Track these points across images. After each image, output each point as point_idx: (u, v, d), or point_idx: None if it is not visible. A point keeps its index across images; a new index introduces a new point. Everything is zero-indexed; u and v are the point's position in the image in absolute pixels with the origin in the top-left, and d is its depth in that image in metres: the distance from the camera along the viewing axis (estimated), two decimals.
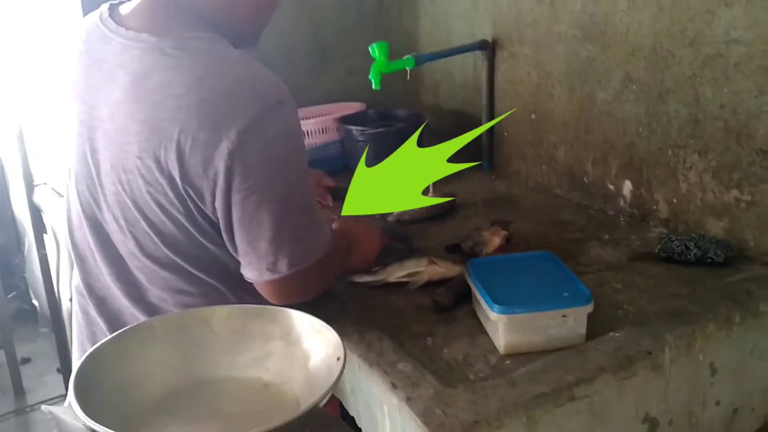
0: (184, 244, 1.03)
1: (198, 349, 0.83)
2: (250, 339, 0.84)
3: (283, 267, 1.01)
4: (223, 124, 0.93)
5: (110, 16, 1.05)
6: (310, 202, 1.05)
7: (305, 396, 0.75)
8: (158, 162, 0.96)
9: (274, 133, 0.96)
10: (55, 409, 0.70)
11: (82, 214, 1.11)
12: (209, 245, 1.04)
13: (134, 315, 1.09)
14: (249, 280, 1.06)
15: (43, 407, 0.70)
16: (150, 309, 1.08)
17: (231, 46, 1.03)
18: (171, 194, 0.98)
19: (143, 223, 1.02)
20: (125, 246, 1.07)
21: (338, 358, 0.72)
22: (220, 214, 0.99)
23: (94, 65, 1.04)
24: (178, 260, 1.05)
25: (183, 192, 0.97)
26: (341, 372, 0.70)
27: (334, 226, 1.30)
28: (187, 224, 1.01)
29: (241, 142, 0.93)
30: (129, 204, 1.02)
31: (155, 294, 1.08)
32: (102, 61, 1.03)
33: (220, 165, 0.94)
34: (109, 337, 0.78)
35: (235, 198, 0.97)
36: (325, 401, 0.69)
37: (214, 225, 1.02)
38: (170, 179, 0.97)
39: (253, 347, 0.84)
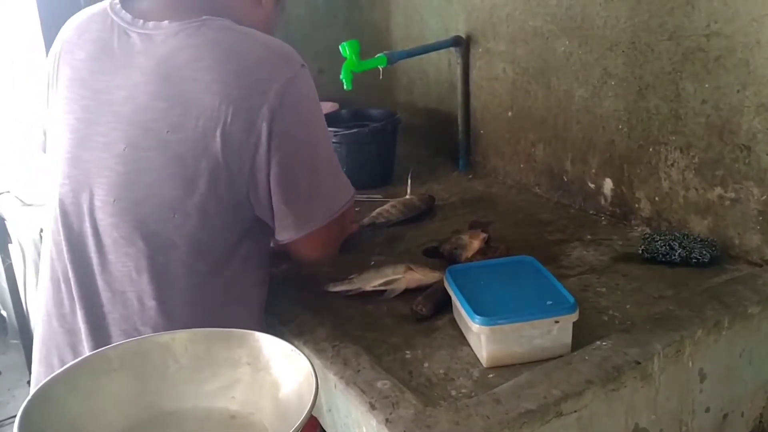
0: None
1: (158, 379, 0.77)
2: (215, 365, 0.78)
3: (320, 217, 1.08)
4: (262, 89, 0.99)
5: (123, 7, 1.07)
6: (333, 154, 1.14)
7: (275, 428, 0.70)
8: (194, 134, 0.98)
9: (305, 94, 1.04)
10: None
11: (69, 203, 1.07)
12: (216, 220, 1.03)
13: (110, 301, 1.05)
14: (284, 242, 1.09)
15: None
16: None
17: None
18: (202, 166, 0.99)
19: (152, 201, 1.01)
20: (116, 231, 1.03)
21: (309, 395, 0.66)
22: (259, 177, 1.02)
23: (106, 52, 1.05)
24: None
25: (221, 161, 0.99)
26: (311, 408, 0.64)
27: None
28: (208, 197, 1.01)
29: (279, 103, 0.99)
30: (138, 184, 1.01)
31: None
32: (116, 49, 1.05)
33: (262, 128, 0.99)
34: (57, 372, 0.71)
35: (274, 159, 1.01)
36: None
37: (236, 195, 1.03)
38: (205, 150, 0.98)
39: (218, 374, 0.78)
